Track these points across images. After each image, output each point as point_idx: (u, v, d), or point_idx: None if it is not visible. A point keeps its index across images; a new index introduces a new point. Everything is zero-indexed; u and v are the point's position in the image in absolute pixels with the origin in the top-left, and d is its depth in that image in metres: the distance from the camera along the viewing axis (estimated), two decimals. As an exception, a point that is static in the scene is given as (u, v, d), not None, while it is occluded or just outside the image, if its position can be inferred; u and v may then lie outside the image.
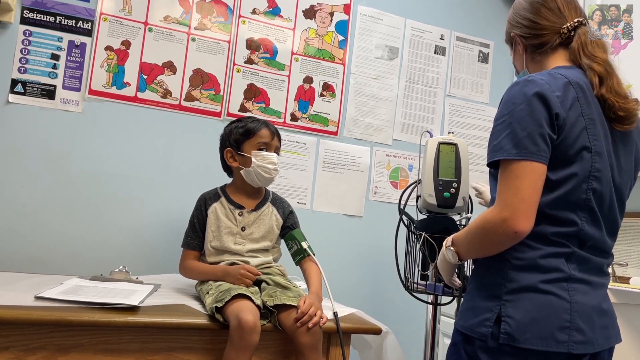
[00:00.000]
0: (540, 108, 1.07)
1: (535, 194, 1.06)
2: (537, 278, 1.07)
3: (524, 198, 1.04)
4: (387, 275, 2.31)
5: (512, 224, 1.04)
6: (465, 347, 1.12)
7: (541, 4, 1.24)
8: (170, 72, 2.08)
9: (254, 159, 1.65)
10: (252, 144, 1.67)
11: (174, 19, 2.09)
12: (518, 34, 1.29)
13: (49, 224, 1.90)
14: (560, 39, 1.21)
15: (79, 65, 1.97)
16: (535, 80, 1.11)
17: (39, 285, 1.51)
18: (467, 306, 1.16)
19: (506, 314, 1.06)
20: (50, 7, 1.94)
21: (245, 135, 1.68)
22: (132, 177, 2.00)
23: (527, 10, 1.27)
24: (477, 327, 1.09)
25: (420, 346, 2.31)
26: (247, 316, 1.32)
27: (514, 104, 1.10)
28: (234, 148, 1.69)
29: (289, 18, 2.27)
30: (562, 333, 1.03)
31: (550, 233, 1.08)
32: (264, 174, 1.66)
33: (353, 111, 2.35)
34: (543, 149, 1.06)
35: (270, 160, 1.66)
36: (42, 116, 1.91)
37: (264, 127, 1.69)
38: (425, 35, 2.50)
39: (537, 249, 1.08)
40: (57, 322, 1.27)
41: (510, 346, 1.04)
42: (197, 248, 1.69)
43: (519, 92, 1.11)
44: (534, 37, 1.25)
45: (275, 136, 1.70)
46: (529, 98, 1.08)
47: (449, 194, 1.65)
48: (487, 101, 2.60)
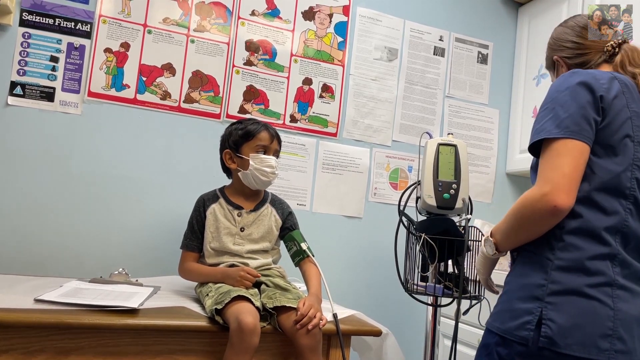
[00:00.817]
0: (584, 93, 1.09)
1: (577, 171, 1.05)
2: (583, 281, 1.04)
3: (564, 173, 1.04)
4: (387, 277, 2.31)
5: (552, 198, 1.03)
6: (499, 350, 1.09)
7: (582, 27, 1.29)
8: (170, 74, 2.08)
9: (251, 162, 1.65)
10: (250, 146, 1.67)
11: (173, 21, 2.09)
12: (562, 56, 1.32)
13: (49, 226, 1.89)
14: (605, 56, 1.25)
15: (78, 68, 1.97)
16: (580, 72, 1.14)
17: (39, 287, 1.51)
18: (503, 307, 1.13)
19: (548, 317, 1.03)
20: (50, 10, 1.94)
21: (245, 137, 1.68)
22: (132, 179, 2.00)
23: (569, 34, 1.31)
24: (517, 330, 1.06)
25: (420, 347, 2.31)
26: (247, 318, 1.32)
27: (558, 91, 1.12)
28: (233, 150, 1.69)
29: (288, 19, 2.27)
30: (604, 341, 1.01)
31: (595, 227, 1.07)
32: (261, 177, 1.66)
33: (352, 112, 2.35)
34: (586, 129, 1.06)
35: (268, 164, 1.66)
36: (41, 118, 1.91)
37: (264, 129, 1.68)
38: (424, 37, 2.50)
39: (583, 249, 1.06)
40: (57, 324, 1.27)
41: (550, 351, 1.02)
42: (196, 250, 1.69)
43: (563, 82, 1.13)
44: (578, 56, 1.28)
45: (275, 139, 1.70)
46: (572, 85, 1.10)
47: (449, 195, 1.65)
48: (486, 102, 2.60)
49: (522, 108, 2.54)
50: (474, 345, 2.01)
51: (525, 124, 2.50)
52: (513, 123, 2.59)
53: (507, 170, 2.60)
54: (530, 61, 2.53)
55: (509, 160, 2.59)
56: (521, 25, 2.63)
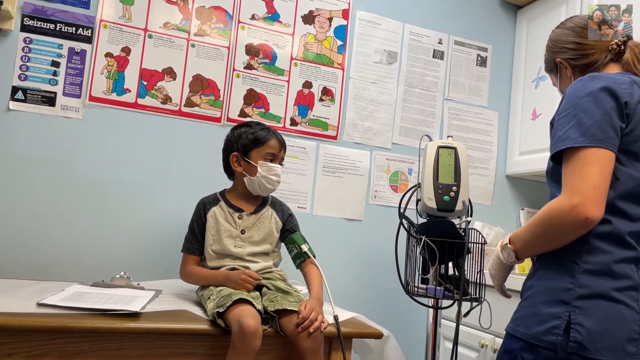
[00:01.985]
0: (607, 99, 1.06)
1: (605, 181, 1.03)
2: (610, 285, 1.03)
3: (594, 184, 1.02)
4: (387, 279, 2.31)
5: (583, 210, 1.01)
6: (524, 355, 1.07)
7: (582, 28, 1.27)
8: (170, 78, 2.08)
9: (259, 169, 1.66)
10: (260, 152, 1.68)
11: (173, 25, 2.10)
12: (565, 57, 1.29)
13: (50, 230, 1.90)
14: (611, 55, 1.22)
15: (79, 72, 1.98)
16: (600, 76, 1.11)
17: (41, 292, 1.52)
18: (528, 312, 1.11)
19: (577, 321, 1.02)
20: (51, 15, 1.95)
21: (255, 143, 1.68)
22: (133, 183, 2.01)
23: (569, 35, 1.29)
24: (544, 334, 1.05)
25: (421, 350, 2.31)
26: (249, 321, 1.33)
27: (578, 97, 1.09)
28: (241, 153, 1.70)
29: (288, 23, 2.28)
30: (631, 345, 1.01)
31: (621, 232, 1.06)
32: (266, 185, 1.67)
33: (352, 115, 2.36)
34: (612, 137, 1.04)
35: (275, 172, 1.68)
36: (42, 123, 1.92)
37: (274, 137, 1.70)
38: (423, 40, 2.51)
39: (610, 252, 1.06)
40: (59, 328, 1.27)
41: (579, 356, 1.01)
42: (197, 253, 1.69)
43: (583, 87, 1.10)
44: (582, 57, 1.25)
45: (283, 148, 1.73)
46: (595, 91, 1.08)
47: (449, 198, 1.66)
48: (485, 104, 2.61)
49: (522, 110, 2.55)
50: (475, 347, 2.02)
51: (525, 126, 2.51)
52: (512, 125, 2.60)
53: (507, 172, 2.60)
54: (529, 63, 2.54)
55: (509, 163, 2.60)
56: (520, 27, 2.64)
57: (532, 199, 2.65)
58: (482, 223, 2.40)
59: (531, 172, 2.46)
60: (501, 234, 2.39)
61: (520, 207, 2.62)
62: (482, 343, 1.97)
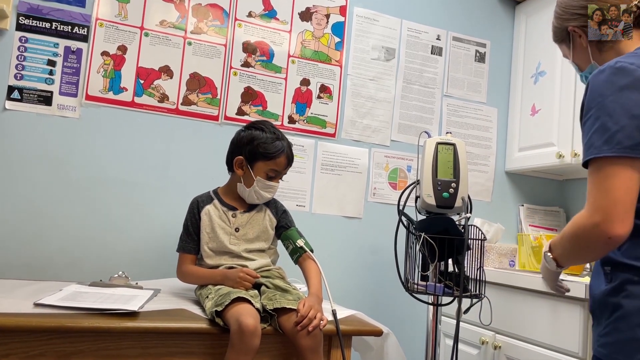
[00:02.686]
0: (634, 97, 0.96)
1: (630, 194, 0.94)
2: None
3: (616, 199, 0.93)
4: (387, 277, 2.31)
5: (605, 229, 0.94)
6: None
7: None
8: (167, 77, 2.07)
9: (256, 184, 1.65)
10: (264, 165, 1.65)
11: (170, 24, 2.09)
12: (578, 25, 1.16)
13: (48, 230, 1.89)
14: (632, 19, 1.10)
15: (75, 71, 1.97)
16: (625, 68, 0.99)
17: (38, 292, 1.51)
18: (625, 336, 0.98)
19: None
20: (46, 14, 1.94)
21: (263, 156, 1.64)
22: (131, 182, 2.00)
23: None
24: None
25: (421, 347, 2.31)
26: (248, 320, 1.32)
27: (602, 95, 0.99)
28: (247, 160, 1.66)
29: (285, 21, 2.27)
30: None
31: None
32: (256, 199, 1.68)
33: (351, 113, 2.35)
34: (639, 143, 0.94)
35: (270, 190, 1.67)
36: (39, 122, 1.91)
37: (283, 154, 1.66)
38: (421, 36, 2.50)
39: None
40: (56, 328, 1.26)
41: None
42: (192, 251, 1.69)
43: (607, 82, 1.00)
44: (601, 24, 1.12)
45: (289, 165, 1.70)
46: (619, 88, 0.97)
47: (448, 194, 1.65)
48: (484, 100, 2.60)
49: (521, 106, 2.54)
50: (476, 344, 2.01)
51: (524, 122, 2.50)
52: (512, 121, 2.59)
53: (506, 168, 2.59)
54: (528, 59, 2.53)
55: (508, 159, 2.59)
56: (518, 23, 2.63)
57: (532, 195, 2.64)
58: (482, 219, 2.39)
59: (531, 167, 2.45)
60: (501, 230, 2.39)
61: (520, 203, 2.61)
62: (483, 340, 1.97)
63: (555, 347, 1.68)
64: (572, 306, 1.63)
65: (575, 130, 2.18)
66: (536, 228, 2.51)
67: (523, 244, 2.42)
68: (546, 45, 2.40)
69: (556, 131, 2.28)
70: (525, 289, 1.83)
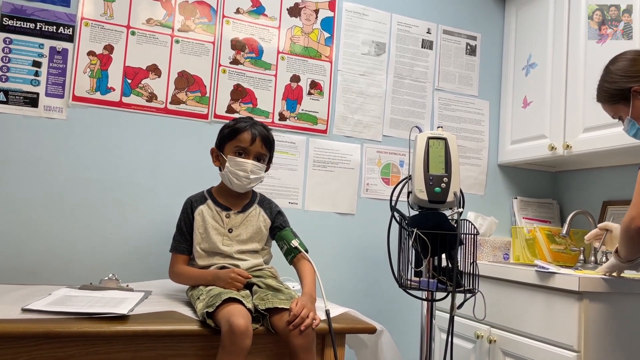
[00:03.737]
0: None
1: None
2: None
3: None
4: (381, 273, 2.30)
5: (637, 222, 1.23)
6: None
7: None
8: (155, 76, 2.05)
9: (228, 163, 1.64)
10: (231, 146, 1.66)
11: (156, 22, 2.06)
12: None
13: (37, 233, 1.87)
14: None
15: (61, 72, 1.94)
16: None
17: (27, 296, 1.49)
18: None
19: None
20: (30, 14, 1.91)
21: (229, 136, 1.66)
22: (120, 183, 1.98)
23: (637, 62, 1.40)
24: None
25: (416, 341, 2.30)
26: (239, 320, 1.30)
27: None
28: (218, 147, 1.69)
29: (274, 17, 2.25)
30: None
31: None
32: (234, 180, 1.64)
33: (342, 108, 2.34)
34: None
35: (243, 168, 1.63)
36: (26, 124, 1.88)
37: (247, 130, 1.65)
38: (411, 30, 2.48)
39: None
40: (45, 334, 1.24)
41: None
42: (185, 252, 1.67)
43: None
44: None
45: (257, 141, 1.65)
46: None
47: (440, 189, 1.64)
48: (476, 94, 2.59)
49: (512, 98, 2.53)
50: (471, 338, 2.01)
51: (516, 115, 2.49)
52: (503, 114, 2.58)
53: (499, 161, 2.59)
54: (518, 51, 2.52)
55: (501, 152, 2.58)
56: (509, 15, 2.61)
57: (525, 187, 2.64)
58: (476, 213, 2.38)
59: (523, 160, 2.44)
60: (494, 223, 2.38)
61: (513, 196, 2.60)
62: (478, 334, 1.96)
63: (550, 340, 1.67)
64: (567, 299, 1.62)
65: (567, 122, 2.17)
66: (530, 220, 2.51)
67: (517, 236, 2.42)
68: (537, 37, 2.39)
69: (548, 123, 2.27)
70: (519, 282, 1.82)
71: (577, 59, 2.14)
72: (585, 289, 1.56)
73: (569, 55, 2.19)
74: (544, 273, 1.69)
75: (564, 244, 2.30)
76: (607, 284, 1.58)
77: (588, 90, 2.03)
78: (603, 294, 1.59)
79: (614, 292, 1.59)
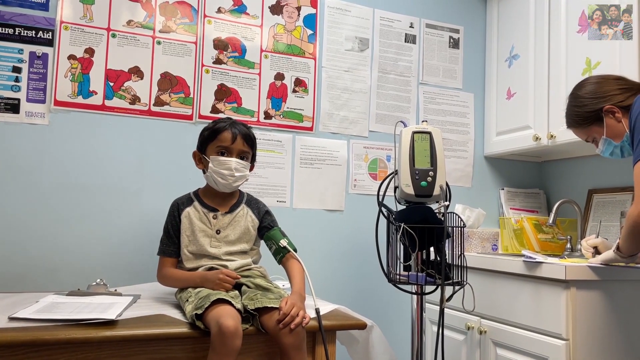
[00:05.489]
0: None
1: None
2: None
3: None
4: (371, 268, 2.30)
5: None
6: None
7: (605, 77, 1.50)
8: (138, 78, 2.03)
9: (211, 164, 1.63)
10: (213, 147, 1.65)
11: (137, 23, 2.05)
12: (614, 103, 1.43)
13: (22, 240, 1.85)
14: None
15: (42, 77, 1.92)
16: None
17: (14, 305, 1.47)
18: None
19: None
20: (9, 19, 1.89)
21: (209, 137, 1.66)
22: (105, 187, 1.96)
23: (607, 83, 1.47)
24: None
25: (407, 335, 2.32)
26: (228, 321, 1.30)
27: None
28: (199, 150, 1.68)
29: (256, 15, 2.24)
30: None
31: None
32: (220, 180, 1.63)
33: (327, 105, 2.33)
34: None
35: (227, 166, 1.62)
36: (7, 131, 1.86)
37: (227, 129, 1.64)
38: (394, 25, 2.48)
39: None
40: (32, 342, 1.23)
41: None
42: (173, 255, 1.66)
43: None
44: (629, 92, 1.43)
45: (239, 140, 1.64)
46: None
47: (426, 183, 1.65)
48: (460, 86, 2.60)
49: (496, 90, 2.54)
50: (462, 330, 2.02)
51: (500, 106, 2.50)
52: (488, 106, 2.59)
53: (485, 153, 2.60)
54: (501, 43, 2.53)
55: (487, 143, 2.59)
56: (490, 7, 2.62)
57: (512, 178, 2.66)
58: (463, 205, 2.39)
59: (509, 151, 2.46)
60: (482, 215, 2.40)
61: (500, 187, 2.62)
62: (469, 325, 1.98)
63: (539, 329, 1.69)
64: (554, 288, 1.64)
65: (551, 112, 2.18)
66: (517, 211, 2.52)
67: (505, 227, 2.44)
68: (518, 29, 2.40)
69: (532, 114, 2.29)
70: (508, 272, 1.83)
71: (558, 49, 2.15)
72: (572, 277, 1.58)
73: (550, 46, 2.21)
74: (531, 263, 1.70)
75: (552, 233, 2.32)
76: (593, 272, 1.59)
77: (570, 80, 2.05)
78: (590, 282, 1.60)
79: (600, 279, 1.60)
